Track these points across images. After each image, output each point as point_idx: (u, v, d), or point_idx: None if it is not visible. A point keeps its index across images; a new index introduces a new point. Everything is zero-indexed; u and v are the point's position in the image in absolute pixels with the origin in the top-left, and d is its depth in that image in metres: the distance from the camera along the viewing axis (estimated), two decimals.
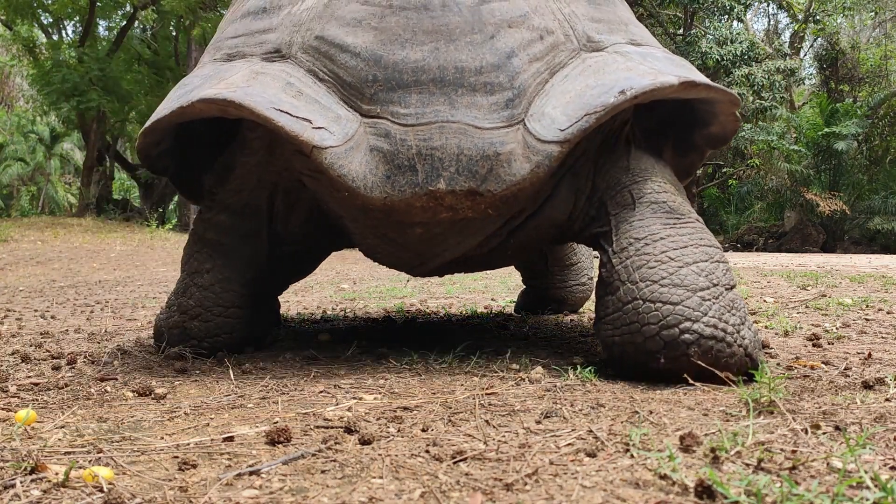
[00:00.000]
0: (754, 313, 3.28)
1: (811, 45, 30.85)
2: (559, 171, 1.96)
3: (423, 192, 1.77)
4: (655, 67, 1.90)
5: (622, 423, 1.31)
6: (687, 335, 1.64)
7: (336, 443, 1.19)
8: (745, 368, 1.68)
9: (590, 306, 3.59)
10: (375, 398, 1.57)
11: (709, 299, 1.68)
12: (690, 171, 2.47)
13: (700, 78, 1.94)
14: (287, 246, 2.31)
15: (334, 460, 1.11)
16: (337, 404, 1.51)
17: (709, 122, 2.21)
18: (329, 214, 2.16)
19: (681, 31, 28.06)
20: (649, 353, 1.68)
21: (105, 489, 0.97)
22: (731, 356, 1.65)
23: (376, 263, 2.40)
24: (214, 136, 2.33)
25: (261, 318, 2.33)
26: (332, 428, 1.30)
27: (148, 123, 2.02)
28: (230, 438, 1.23)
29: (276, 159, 2.09)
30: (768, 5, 31.52)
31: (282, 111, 1.76)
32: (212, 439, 1.24)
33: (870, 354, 2.05)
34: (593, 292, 3.16)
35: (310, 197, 2.14)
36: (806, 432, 1.21)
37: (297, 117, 1.76)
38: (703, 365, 1.63)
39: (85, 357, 2.14)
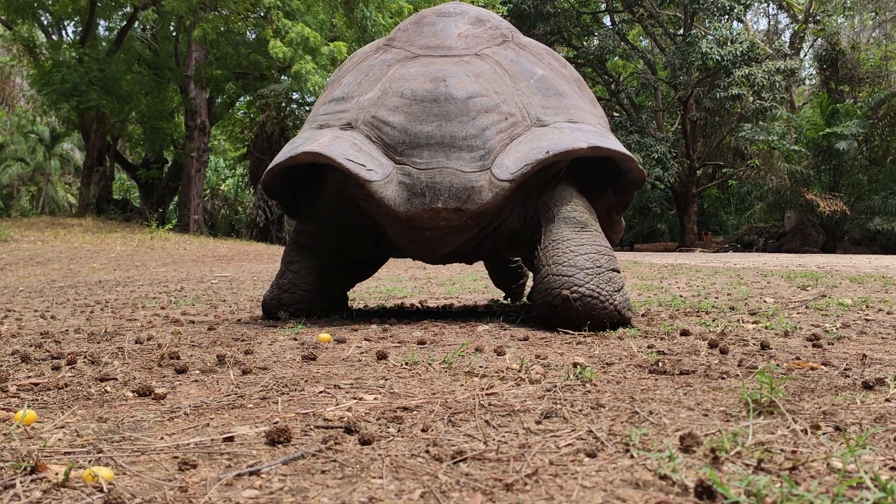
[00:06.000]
0: (754, 313, 3.28)
1: (811, 46, 30.83)
2: (513, 200, 2.97)
3: (429, 209, 2.82)
4: (578, 137, 2.91)
5: (622, 423, 1.31)
6: (574, 294, 2.62)
7: (336, 443, 1.19)
8: (615, 320, 2.66)
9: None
10: (375, 398, 1.57)
11: (591, 275, 2.67)
12: (627, 203, 3.58)
13: (606, 144, 2.96)
14: (352, 249, 3.40)
15: (334, 460, 1.11)
16: (337, 404, 1.51)
17: (628, 172, 3.26)
18: (376, 224, 3.16)
19: (681, 31, 28.04)
20: (554, 307, 2.68)
21: (105, 489, 0.97)
22: (604, 309, 2.63)
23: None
24: (311, 177, 3.40)
25: (328, 297, 3.40)
26: (332, 428, 1.30)
27: (270, 165, 3.17)
28: (230, 438, 1.23)
29: (345, 190, 3.13)
30: (768, 5, 31.52)
31: (349, 159, 2.82)
32: (212, 439, 1.24)
33: (866, 355, 2.05)
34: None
35: (362, 212, 3.13)
36: (806, 432, 1.21)
37: (358, 163, 2.82)
38: (583, 314, 2.61)
39: (85, 357, 2.14)
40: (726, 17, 26.60)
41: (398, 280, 7.32)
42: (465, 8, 3.39)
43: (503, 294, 4.77)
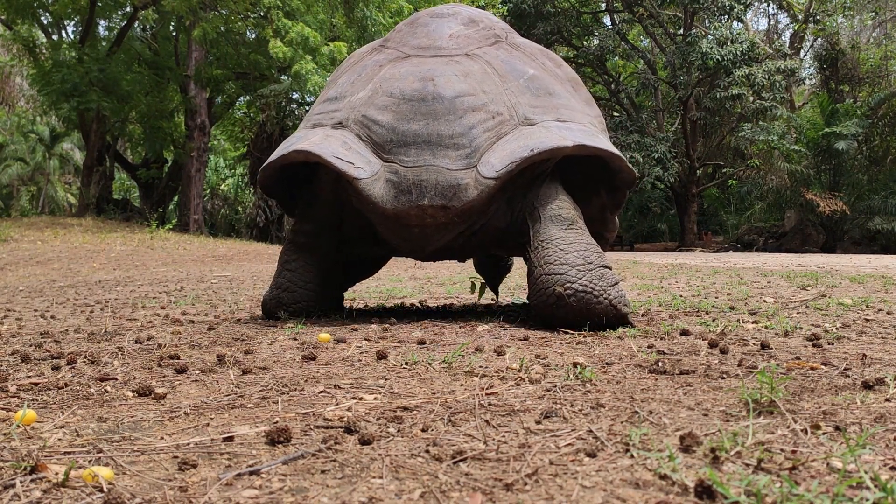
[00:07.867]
0: (754, 313, 3.28)
1: (811, 46, 30.83)
2: (499, 198, 2.98)
3: (415, 206, 2.85)
4: (565, 136, 2.91)
5: (622, 423, 1.31)
6: (568, 291, 2.62)
7: (336, 443, 1.19)
8: (611, 315, 2.63)
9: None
10: (375, 398, 1.57)
11: (583, 271, 2.67)
12: (620, 203, 3.56)
13: (593, 143, 2.96)
14: (351, 248, 3.46)
15: (334, 460, 1.11)
16: (337, 404, 1.51)
17: (619, 171, 3.26)
18: (369, 221, 3.18)
19: (681, 31, 28.04)
20: (550, 306, 2.69)
21: (105, 489, 0.97)
22: (598, 304, 2.62)
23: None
24: (306, 175, 3.42)
25: (328, 297, 3.41)
26: (332, 428, 1.30)
27: (264, 164, 3.25)
28: (230, 438, 1.23)
29: (339, 188, 3.18)
30: (768, 5, 31.52)
31: (337, 157, 2.88)
32: (212, 439, 1.24)
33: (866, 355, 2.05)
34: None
35: (358, 211, 3.17)
36: (806, 432, 1.21)
37: (346, 161, 2.87)
38: (578, 310, 2.61)
39: (85, 357, 2.14)
40: (726, 16, 26.61)
41: (398, 280, 7.32)
42: (458, 9, 3.43)
43: (504, 295, 4.79)
